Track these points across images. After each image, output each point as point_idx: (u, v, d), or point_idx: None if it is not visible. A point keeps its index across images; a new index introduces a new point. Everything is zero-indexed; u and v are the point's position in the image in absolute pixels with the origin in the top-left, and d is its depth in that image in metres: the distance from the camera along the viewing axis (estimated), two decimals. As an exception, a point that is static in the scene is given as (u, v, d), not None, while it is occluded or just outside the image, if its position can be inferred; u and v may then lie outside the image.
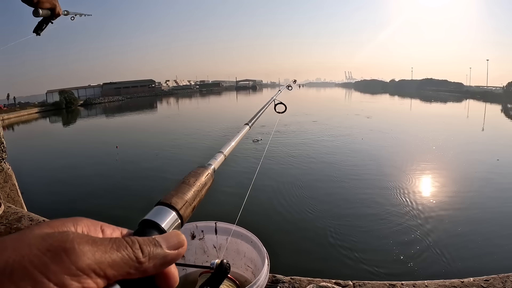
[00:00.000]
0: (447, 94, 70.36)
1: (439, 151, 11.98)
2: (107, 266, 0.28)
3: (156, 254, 0.32)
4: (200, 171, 0.50)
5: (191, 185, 0.46)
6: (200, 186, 0.47)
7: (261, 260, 0.81)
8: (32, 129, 28.98)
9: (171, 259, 0.33)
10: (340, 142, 13.74)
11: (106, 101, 61.40)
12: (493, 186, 8.12)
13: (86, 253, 0.27)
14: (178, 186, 0.45)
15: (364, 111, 28.52)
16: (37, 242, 0.27)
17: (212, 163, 0.56)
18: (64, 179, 9.93)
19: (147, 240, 0.32)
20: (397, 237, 5.55)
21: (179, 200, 0.42)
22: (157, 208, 0.40)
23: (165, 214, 0.39)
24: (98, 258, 0.28)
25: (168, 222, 0.38)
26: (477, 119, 26.75)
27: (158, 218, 0.38)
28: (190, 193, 0.44)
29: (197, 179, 0.48)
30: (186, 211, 0.42)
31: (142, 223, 0.37)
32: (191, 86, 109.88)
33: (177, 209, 0.40)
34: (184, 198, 0.43)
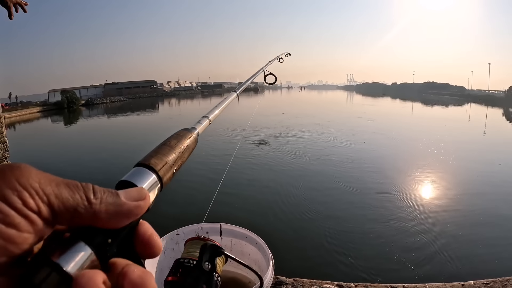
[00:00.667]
0: (448, 98, 70.29)
1: (441, 155, 11.95)
2: (51, 193, 0.26)
3: (110, 200, 0.30)
4: (183, 133, 0.48)
5: (172, 147, 0.43)
6: (182, 149, 0.45)
7: (266, 262, 0.81)
8: (33, 128, 29.05)
9: (128, 210, 0.31)
10: (343, 144, 13.71)
11: (108, 101, 61.60)
12: (494, 190, 8.07)
13: (30, 173, 0.26)
14: (158, 147, 0.42)
15: (366, 113, 28.52)
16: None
17: (197, 127, 0.54)
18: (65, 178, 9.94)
19: (103, 188, 0.31)
20: (399, 240, 5.54)
21: (159, 161, 0.39)
22: (135, 169, 0.37)
23: (144, 175, 0.36)
24: (44, 182, 0.26)
25: (148, 185, 0.35)
26: (478, 122, 26.70)
27: (135, 179, 0.35)
28: (172, 155, 0.42)
29: (179, 141, 0.45)
30: (166, 174, 0.39)
31: (119, 184, 0.35)
32: (193, 87, 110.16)
33: (157, 171, 0.37)
34: (165, 159, 0.40)
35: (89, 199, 0.28)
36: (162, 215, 5.37)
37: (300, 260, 4.98)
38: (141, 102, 60.05)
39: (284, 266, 4.11)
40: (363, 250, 5.30)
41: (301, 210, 6.76)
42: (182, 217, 6.14)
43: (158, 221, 0.57)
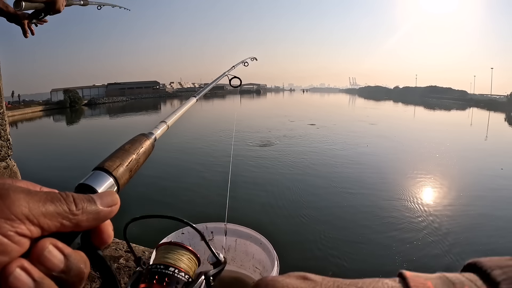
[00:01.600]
0: (451, 102, 70.18)
1: (443, 159, 11.92)
2: (40, 214, 0.29)
3: (89, 209, 0.33)
4: (138, 138, 0.50)
5: (127, 150, 0.45)
6: (138, 153, 0.46)
7: (271, 262, 0.81)
8: (35, 127, 29.12)
9: (104, 215, 0.35)
10: (346, 148, 13.68)
11: (110, 101, 61.71)
12: (497, 195, 8.03)
13: (20, 200, 0.28)
14: (114, 152, 0.45)
15: (369, 117, 28.50)
16: None
17: (154, 132, 0.55)
18: (66, 177, 9.95)
19: (81, 196, 0.33)
20: (403, 243, 5.53)
21: (113, 164, 0.42)
22: (93, 172, 0.40)
23: (101, 178, 0.39)
24: (32, 206, 0.28)
25: (105, 187, 0.38)
26: (480, 127, 26.63)
27: (93, 182, 0.38)
28: (127, 158, 0.44)
29: (134, 146, 0.47)
30: (123, 176, 0.42)
31: (78, 187, 0.37)
32: (195, 89, 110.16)
33: (113, 174, 0.40)
34: (120, 163, 0.42)
35: (72, 212, 0.31)
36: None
37: (305, 260, 4.98)
38: (143, 103, 60.17)
39: (289, 267, 4.12)
40: (369, 252, 5.30)
41: (306, 212, 6.76)
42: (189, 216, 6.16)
43: (164, 221, 0.57)
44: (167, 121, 0.62)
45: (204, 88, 1.00)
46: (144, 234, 2.31)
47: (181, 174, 10.10)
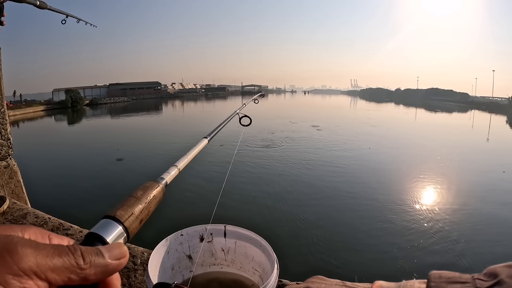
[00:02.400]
0: (452, 104, 70.10)
1: (444, 161, 11.90)
2: (48, 269, 0.29)
3: (97, 262, 0.33)
4: (149, 184, 0.50)
5: (138, 198, 0.46)
6: (148, 200, 0.47)
7: (270, 265, 0.81)
8: (36, 126, 29.16)
9: (113, 269, 0.34)
10: (347, 150, 13.65)
11: (112, 102, 61.87)
12: (500, 198, 8.01)
13: (28, 255, 0.28)
14: (124, 200, 0.45)
15: (371, 119, 28.50)
16: None
17: (165, 177, 0.55)
18: (67, 177, 9.97)
19: (89, 249, 0.33)
20: (406, 246, 5.50)
21: (124, 213, 0.42)
22: (102, 221, 0.40)
23: (111, 227, 0.39)
24: (40, 261, 0.29)
25: (114, 236, 0.38)
26: (482, 129, 26.57)
27: (102, 231, 0.38)
28: (137, 206, 0.44)
29: (145, 193, 0.47)
30: (132, 225, 0.42)
31: (88, 236, 0.37)
32: (196, 90, 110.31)
33: (123, 222, 0.40)
34: (130, 211, 0.42)
35: (80, 266, 0.31)
36: (167, 216, 5.36)
37: (304, 263, 4.97)
38: (145, 103, 60.23)
39: (288, 270, 4.11)
40: (369, 254, 5.29)
41: (306, 215, 6.74)
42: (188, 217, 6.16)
43: (163, 222, 0.56)
44: (178, 165, 0.62)
45: (216, 129, 1.03)
46: (143, 235, 2.30)
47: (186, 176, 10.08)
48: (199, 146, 0.80)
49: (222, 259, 0.94)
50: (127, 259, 0.37)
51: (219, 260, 0.94)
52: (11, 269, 0.27)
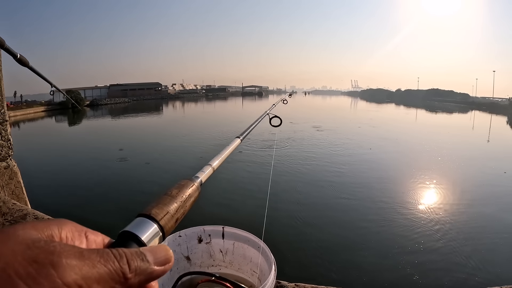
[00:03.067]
0: (453, 105, 70.09)
1: (445, 162, 11.88)
2: (93, 281, 0.27)
3: (142, 270, 0.31)
4: (184, 183, 0.50)
5: (173, 196, 0.45)
6: (184, 198, 0.46)
7: (268, 266, 0.81)
8: (37, 127, 29.19)
9: (157, 275, 0.33)
10: (348, 151, 13.62)
11: (112, 102, 61.94)
12: (502, 199, 7.96)
13: (73, 268, 0.27)
14: (160, 198, 0.44)
15: (372, 120, 28.51)
16: (22, 250, 0.26)
17: (199, 175, 0.55)
18: (68, 178, 9.97)
19: (134, 254, 0.31)
20: (405, 249, 5.48)
21: (160, 211, 0.41)
22: (137, 219, 0.39)
23: (146, 226, 0.38)
24: (85, 273, 0.27)
25: (149, 235, 0.37)
26: (483, 130, 26.55)
27: (138, 230, 0.37)
28: (173, 205, 0.43)
29: (180, 191, 0.47)
30: (168, 224, 0.41)
31: (122, 235, 0.36)
32: (197, 91, 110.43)
33: (158, 221, 0.39)
34: (166, 209, 0.42)
35: (126, 275, 0.29)
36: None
37: (302, 266, 4.95)
38: (146, 104, 60.26)
39: (285, 271, 4.09)
40: (368, 257, 5.27)
41: (305, 215, 6.73)
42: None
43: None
44: (212, 163, 0.63)
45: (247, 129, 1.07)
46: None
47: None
48: (232, 145, 0.81)
49: (220, 260, 0.94)
50: (171, 265, 0.35)
51: (217, 261, 0.94)
52: (54, 283, 0.25)
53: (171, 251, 0.35)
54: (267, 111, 1.58)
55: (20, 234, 0.27)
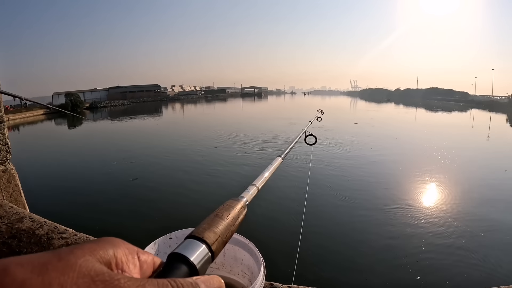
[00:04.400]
0: (452, 104, 70.15)
1: (445, 161, 11.87)
2: None
3: None
4: (232, 204, 0.51)
5: (223, 218, 0.46)
6: (233, 220, 0.47)
7: (257, 267, 0.80)
8: (37, 130, 29.21)
9: None
10: (348, 151, 13.62)
11: (112, 105, 62.05)
12: (503, 197, 7.95)
13: None
14: (210, 219, 0.45)
15: (373, 119, 28.55)
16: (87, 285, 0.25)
17: (245, 195, 0.57)
18: (66, 181, 9.96)
19: (190, 285, 0.31)
20: (402, 248, 5.48)
21: (211, 234, 0.41)
22: (187, 241, 0.39)
23: (195, 247, 0.38)
24: None
25: (199, 258, 0.37)
26: (482, 129, 26.54)
27: (188, 253, 0.37)
28: (223, 227, 0.44)
29: (230, 213, 0.48)
30: (218, 246, 0.41)
31: (172, 256, 0.36)
32: (196, 92, 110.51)
33: (209, 244, 0.40)
34: (216, 232, 0.42)
35: None
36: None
37: (291, 267, 4.92)
38: (145, 106, 60.31)
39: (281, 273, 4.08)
40: (364, 258, 5.26)
41: (297, 216, 6.70)
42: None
43: (152, 224, 0.56)
44: (256, 183, 0.66)
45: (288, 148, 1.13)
46: (132, 236, 2.28)
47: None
48: (275, 164, 0.83)
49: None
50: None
51: (208, 263, 0.94)
52: None
53: (223, 282, 0.35)
54: (304, 128, 1.65)
55: (81, 264, 0.26)
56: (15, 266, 0.24)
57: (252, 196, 0.60)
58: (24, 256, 0.25)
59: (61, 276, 0.24)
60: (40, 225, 2.12)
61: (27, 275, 0.24)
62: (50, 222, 2.16)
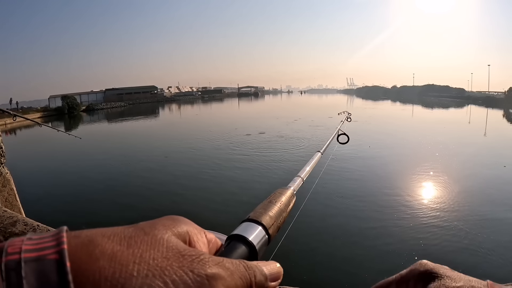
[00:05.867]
0: (448, 100, 70.42)
1: (443, 158, 11.86)
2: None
3: (261, 284, 0.32)
4: (282, 191, 0.54)
5: (276, 204, 0.49)
6: (284, 205, 0.50)
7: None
8: (33, 133, 29.06)
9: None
10: (347, 149, 13.59)
11: (109, 107, 61.80)
12: (504, 193, 7.95)
13: (221, 279, 0.27)
14: (265, 205, 0.48)
15: (372, 117, 28.58)
16: (176, 258, 0.26)
17: (292, 185, 0.63)
18: (63, 185, 9.93)
19: (256, 267, 0.32)
20: (404, 249, 5.46)
21: (266, 217, 0.44)
22: (245, 223, 0.42)
23: (253, 229, 0.40)
24: (228, 284, 0.28)
25: (257, 238, 0.39)
26: (479, 124, 26.61)
27: (246, 233, 0.39)
28: (277, 211, 0.47)
29: (281, 199, 0.51)
30: (273, 229, 0.43)
31: (232, 238, 0.38)
32: (193, 93, 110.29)
33: (265, 226, 0.42)
34: (271, 215, 0.45)
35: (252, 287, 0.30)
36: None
37: (295, 267, 4.92)
38: (142, 108, 60.17)
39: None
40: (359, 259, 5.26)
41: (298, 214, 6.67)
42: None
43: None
44: (301, 175, 0.72)
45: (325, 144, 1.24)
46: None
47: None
48: (315, 159, 0.91)
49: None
50: (280, 281, 0.35)
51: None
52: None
53: (282, 268, 0.36)
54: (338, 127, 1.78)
55: (167, 239, 0.28)
56: (102, 238, 0.25)
57: (298, 186, 0.65)
58: (105, 229, 0.26)
59: (151, 250, 0.26)
60: (33, 228, 2.10)
61: (116, 247, 0.24)
62: (43, 226, 2.14)
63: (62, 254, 0.22)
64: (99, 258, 0.23)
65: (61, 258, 0.22)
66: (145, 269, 0.24)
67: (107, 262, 0.23)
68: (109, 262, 0.23)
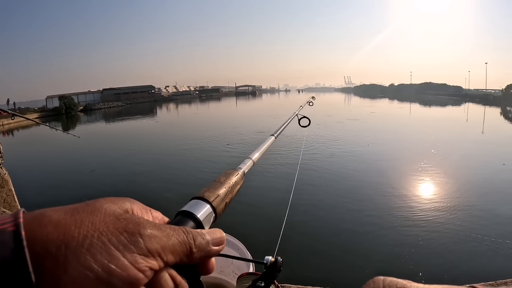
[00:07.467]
0: (446, 98, 70.49)
1: (442, 156, 11.86)
2: (168, 251, 0.32)
3: (203, 247, 0.36)
4: (230, 172, 0.57)
5: (222, 183, 0.51)
6: (231, 185, 0.52)
7: (247, 267, 0.80)
8: (30, 134, 28.95)
9: (213, 254, 0.38)
10: (345, 148, 13.57)
11: (106, 107, 61.62)
12: (503, 192, 7.90)
13: (155, 238, 0.32)
14: (210, 184, 0.50)
15: (370, 115, 28.62)
16: (112, 221, 0.31)
17: (242, 166, 0.63)
18: (62, 185, 9.89)
19: (197, 233, 0.36)
20: (402, 244, 5.46)
21: (211, 194, 0.46)
22: (192, 201, 0.44)
23: (200, 206, 0.43)
24: (163, 243, 0.32)
25: (204, 214, 0.42)
26: (477, 122, 26.65)
27: (195, 209, 0.42)
28: (222, 189, 0.49)
29: (228, 178, 0.53)
30: (219, 206, 0.46)
31: (180, 213, 0.41)
32: (190, 92, 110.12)
33: (211, 202, 0.45)
34: (217, 193, 0.47)
35: (192, 249, 0.35)
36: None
37: (292, 266, 4.92)
38: (139, 107, 59.97)
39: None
40: (359, 257, 5.26)
41: (295, 213, 6.68)
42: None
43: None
44: (252, 157, 0.72)
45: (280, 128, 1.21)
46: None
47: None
48: (268, 142, 0.90)
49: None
50: (224, 246, 0.39)
51: (199, 264, 0.93)
52: (142, 250, 0.30)
53: (224, 234, 0.40)
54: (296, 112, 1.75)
55: (106, 207, 0.33)
56: (50, 211, 0.31)
57: (249, 168, 0.66)
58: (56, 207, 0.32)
59: (90, 216, 0.31)
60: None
61: (61, 216, 0.30)
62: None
63: (18, 225, 0.28)
64: (47, 225, 0.29)
65: (17, 229, 0.27)
66: (85, 231, 0.29)
67: (53, 228, 0.29)
68: (55, 227, 0.29)
